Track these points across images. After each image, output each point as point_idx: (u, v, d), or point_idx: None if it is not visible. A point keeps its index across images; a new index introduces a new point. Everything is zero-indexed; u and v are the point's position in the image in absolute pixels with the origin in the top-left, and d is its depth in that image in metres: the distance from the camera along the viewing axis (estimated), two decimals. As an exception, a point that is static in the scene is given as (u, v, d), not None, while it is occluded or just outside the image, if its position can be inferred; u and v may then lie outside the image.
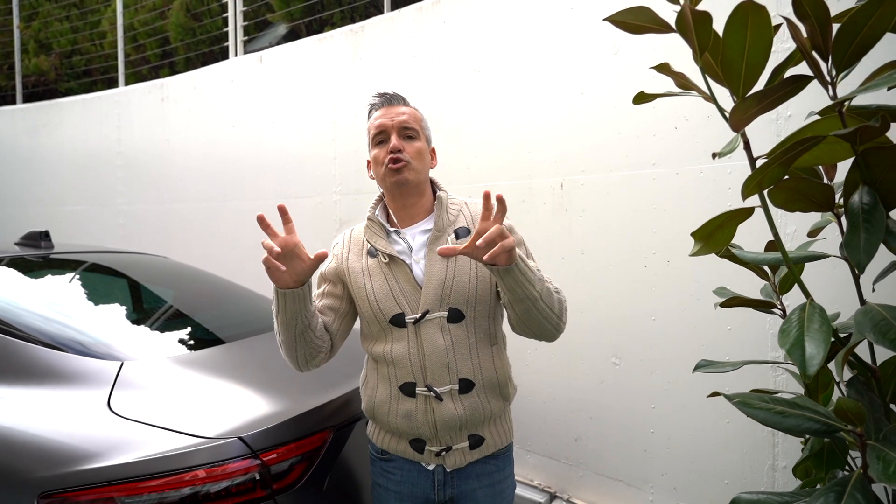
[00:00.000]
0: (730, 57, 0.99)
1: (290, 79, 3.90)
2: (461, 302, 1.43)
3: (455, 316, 1.43)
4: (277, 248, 1.28)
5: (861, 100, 1.40)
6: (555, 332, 1.43)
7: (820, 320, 1.04)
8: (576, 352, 2.62)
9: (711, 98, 1.07)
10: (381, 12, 3.58)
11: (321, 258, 1.31)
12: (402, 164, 1.44)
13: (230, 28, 4.53)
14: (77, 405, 1.49)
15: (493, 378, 1.48)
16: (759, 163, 1.05)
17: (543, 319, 1.36)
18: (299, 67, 3.85)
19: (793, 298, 1.28)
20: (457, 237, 1.46)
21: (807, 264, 1.36)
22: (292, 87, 3.89)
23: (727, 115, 1.03)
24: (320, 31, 4.41)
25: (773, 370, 2.10)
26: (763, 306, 1.32)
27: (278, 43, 4.56)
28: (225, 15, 4.68)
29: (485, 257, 1.20)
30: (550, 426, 2.73)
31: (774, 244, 1.14)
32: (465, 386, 1.43)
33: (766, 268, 1.36)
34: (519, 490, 2.76)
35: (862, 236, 1.03)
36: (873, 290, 1.26)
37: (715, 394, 1.16)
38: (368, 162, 1.55)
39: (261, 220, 1.29)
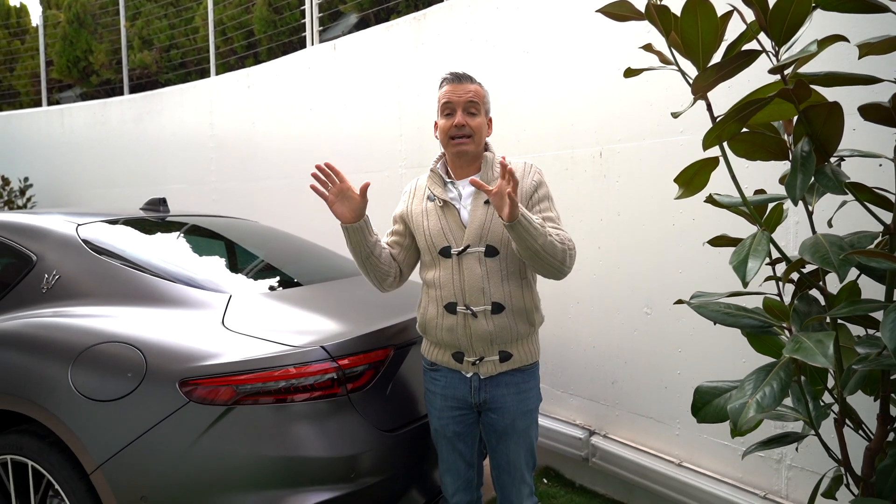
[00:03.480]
0: (687, 38, 1.28)
1: (361, 64, 4.31)
2: (496, 241, 1.79)
3: (491, 251, 1.79)
4: (325, 192, 1.79)
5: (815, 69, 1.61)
6: (557, 275, 1.77)
7: (764, 244, 1.32)
8: (612, 304, 2.90)
9: (679, 69, 1.36)
10: (441, 0, 3.92)
11: (365, 188, 1.77)
12: (463, 140, 1.81)
13: (307, 20, 5.00)
14: (201, 322, 1.95)
15: (521, 305, 1.83)
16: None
17: (546, 264, 1.71)
18: (369, 53, 4.26)
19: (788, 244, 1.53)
20: None
21: (789, 210, 1.61)
22: (363, 71, 4.30)
23: (690, 83, 1.32)
24: (387, 19, 4.79)
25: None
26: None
27: (350, 32, 4.99)
28: (302, 8, 5.15)
29: (493, 203, 1.61)
30: (590, 372, 3.04)
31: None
32: (497, 308, 1.78)
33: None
34: (562, 428, 3.09)
35: (798, 177, 1.31)
36: (830, 227, 1.51)
37: (679, 301, 1.45)
38: (436, 123, 1.90)
39: (318, 168, 1.78)
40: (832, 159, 1.43)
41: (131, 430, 1.75)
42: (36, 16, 8.92)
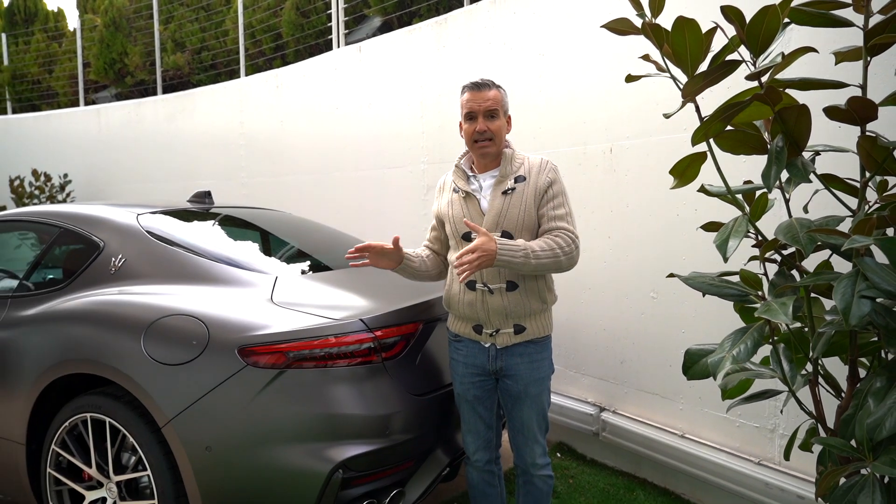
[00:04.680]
0: (677, 50, 1.51)
1: (385, 65, 4.56)
2: (511, 227, 2.03)
3: (506, 236, 2.03)
4: (364, 262, 2.10)
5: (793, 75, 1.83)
6: (564, 272, 2.07)
7: (743, 226, 1.55)
8: (621, 289, 3.13)
9: (672, 77, 1.59)
10: (463, 5, 4.15)
11: (397, 241, 2.09)
12: (485, 143, 2.07)
13: (333, 23, 5.26)
14: (253, 299, 2.21)
15: (533, 284, 2.07)
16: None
17: (548, 272, 2.06)
18: (392, 55, 4.51)
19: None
20: (515, 181, 2.07)
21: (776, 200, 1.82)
22: (386, 72, 4.55)
23: (681, 88, 1.55)
24: (410, 23, 5.03)
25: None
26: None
27: (374, 34, 5.24)
28: (329, 11, 5.41)
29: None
30: (601, 353, 3.27)
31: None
32: (511, 286, 2.03)
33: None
34: (574, 405, 3.32)
35: (772, 168, 1.53)
36: (806, 212, 1.73)
37: (671, 275, 1.68)
38: (461, 124, 2.15)
39: (350, 255, 2.09)
40: (807, 154, 1.66)
41: (197, 390, 2.01)
42: (73, 20, 9.32)
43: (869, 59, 1.51)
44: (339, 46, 5.30)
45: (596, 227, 3.20)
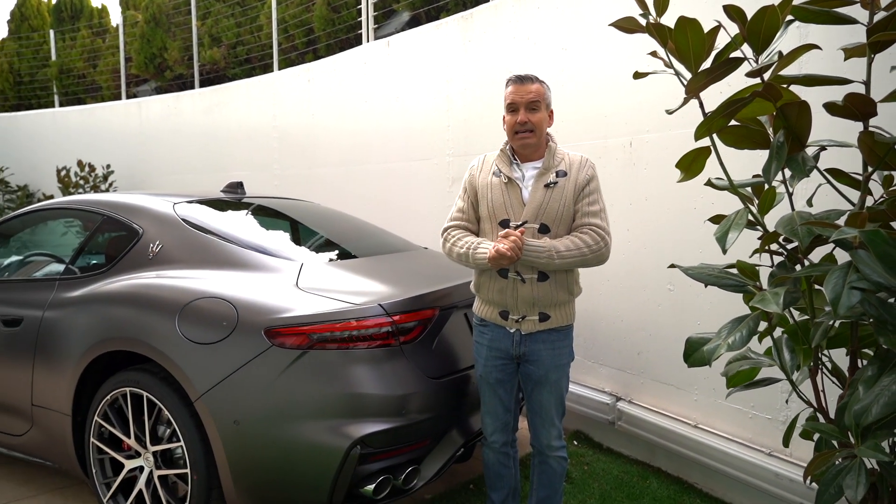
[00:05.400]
0: (680, 49, 1.56)
1: (412, 60, 4.66)
2: (550, 220, 2.11)
3: (544, 229, 2.11)
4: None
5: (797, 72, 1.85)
6: (586, 268, 2.14)
7: (744, 219, 1.60)
8: (639, 281, 3.17)
9: (676, 73, 1.64)
10: (488, 0, 4.22)
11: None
12: (525, 134, 2.14)
13: (363, 18, 5.37)
14: (279, 284, 2.34)
15: (563, 277, 2.15)
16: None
17: (578, 268, 2.14)
18: (420, 50, 4.60)
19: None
20: (556, 175, 2.14)
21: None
22: (414, 66, 4.65)
23: (684, 84, 1.61)
24: (438, 17, 5.11)
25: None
26: (747, 224, 1.85)
27: (402, 29, 5.34)
28: (359, 7, 5.52)
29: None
30: (618, 343, 3.32)
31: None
32: (542, 277, 2.11)
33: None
34: (591, 394, 3.39)
35: (773, 164, 1.58)
36: (811, 205, 1.77)
37: (672, 266, 1.74)
38: (504, 116, 2.21)
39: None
40: (813, 148, 1.70)
41: (226, 368, 2.15)
42: (116, 16, 9.64)
43: (872, 55, 1.54)
44: (368, 41, 5.41)
45: (615, 220, 3.22)
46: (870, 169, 1.56)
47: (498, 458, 2.33)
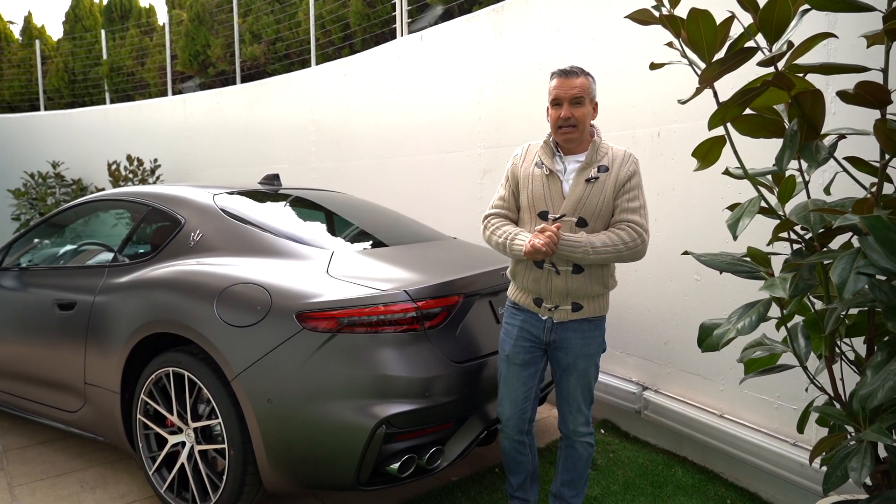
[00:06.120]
0: (693, 39, 1.59)
1: (445, 53, 4.72)
2: (588, 214, 2.15)
3: (581, 222, 2.15)
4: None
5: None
6: (623, 262, 2.16)
7: (756, 207, 1.62)
8: (667, 271, 3.18)
9: (690, 64, 1.67)
10: (519, -8, 4.24)
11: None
12: (568, 129, 2.16)
13: (397, 12, 5.45)
14: (311, 271, 2.45)
15: (598, 270, 2.19)
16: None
17: (614, 262, 2.16)
18: (452, 43, 4.66)
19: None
20: (597, 171, 2.17)
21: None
22: (446, 59, 4.71)
23: (698, 74, 1.63)
24: (469, 10, 5.16)
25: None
26: (764, 212, 1.87)
27: (436, 23, 5.41)
28: (393, 1, 5.61)
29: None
30: (645, 333, 3.34)
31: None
32: (577, 269, 2.16)
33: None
34: (618, 383, 3.42)
35: (786, 152, 1.59)
36: (829, 194, 1.77)
37: (686, 252, 1.77)
38: (548, 109, 2.22)
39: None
40: (832, 136, 1.70)
41: (260, 349, 2.28)
42: (163, 15, 9.99)
43: (890, 43, 1.54)
44: (402, 35, 5.49)
45: (642, 210, 3.25)
46: (887, 157, 1.56)
47: (514, 447, 2.38)
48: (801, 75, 1.59)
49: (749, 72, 1.97)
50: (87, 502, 2.73)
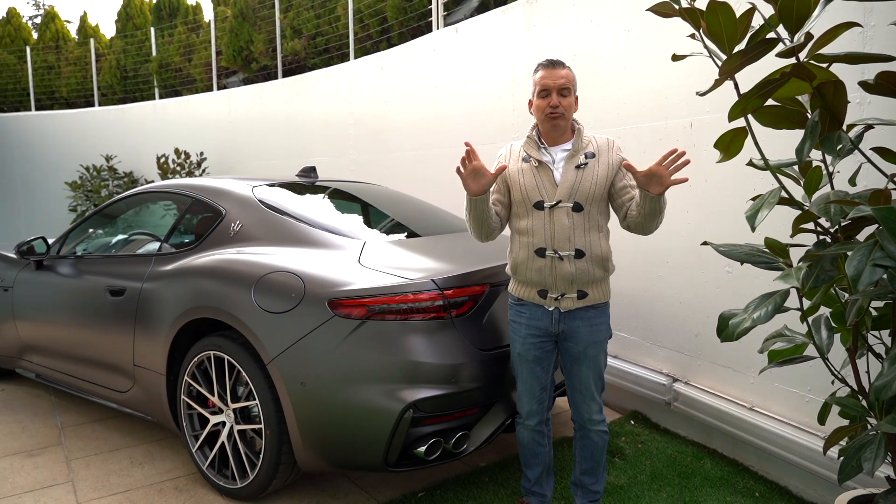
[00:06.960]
0: (713, 31, 1.60)
1: (479, 45, 4.76)
2: (583, 199, 2.19)
3: (577, 207, 2.19)
4: (464, 169, 2.13)
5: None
6: (653, 231, 2.21)
7: (776, 198, 1.63)
8: (697, 263, 3.16)
9: (711, 56, 1.68)
10: (553, -17, 4.23)
11: (500, 171, 2.15)
12: (558, 115, 2.22)
13: (433, 5, 5.51)
14: (343, 260, 2.55)
15: (598, 253, 2.22)
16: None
17: (656, 223, 2.19)
18: (486, 35, 4.69)
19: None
20: (585, 157, 2.23)
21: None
22: (481, 52, 4.74)
23: (718, 65, 1.64)
24: (504, 2, 5.17)
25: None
26: (787, 203, 1.87)
27: (472, 15, 5.44)
28: (429, -6, 5.66)
29: (651, 188, 2.04)
30: (676, 325, 3.33)
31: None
32: (579, 254, 2.19)
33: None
34: (648, 375, 3.42)
35: (806, 143, 1.59)
36: (854, 185, 1.75)
37: (705, 243, 1.78)
38: (530, 101, 2.31)
39: (468, 145, 2.14)
40: (858, 127, 1.69)
41: (294, 335, 2.39)
42: (208, 12, 10.29)
43: (917, 32, 1.52)
44: (438, 28, 5.54)
45: (674, 202, 3.23)
46: (912, 147, 1.55)
47: (533, 437, 2.41)
48: (826, 65, 1.58)
49: (774, 63, 1.96)
50: (136, 476, 2.91)
